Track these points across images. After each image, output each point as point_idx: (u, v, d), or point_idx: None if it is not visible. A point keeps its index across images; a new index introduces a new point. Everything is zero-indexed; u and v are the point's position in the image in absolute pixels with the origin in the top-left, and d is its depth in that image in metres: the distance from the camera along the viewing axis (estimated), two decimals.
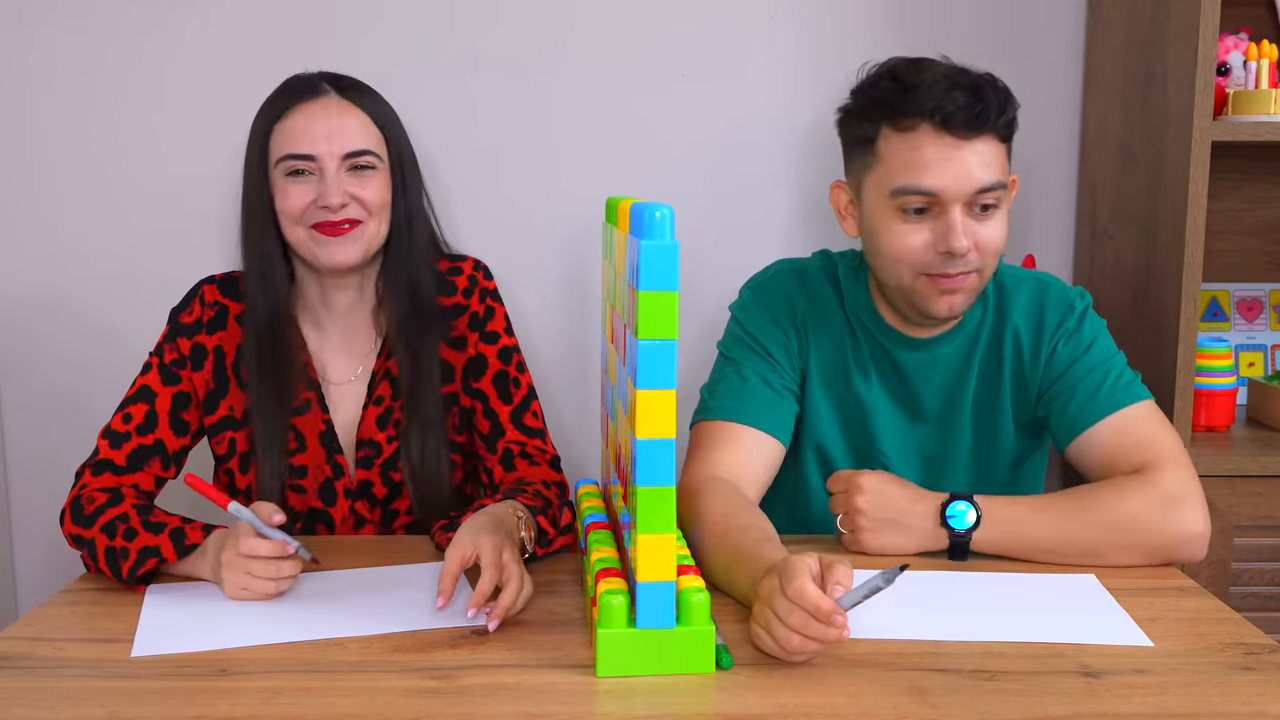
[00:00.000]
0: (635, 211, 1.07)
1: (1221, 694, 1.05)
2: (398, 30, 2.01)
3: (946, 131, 1.39)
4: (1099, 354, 1.51)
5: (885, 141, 1.43)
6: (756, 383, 1.52)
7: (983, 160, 1.40)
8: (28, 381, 2.10)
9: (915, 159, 1.40)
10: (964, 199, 1.40)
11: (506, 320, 1.60)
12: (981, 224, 1.42)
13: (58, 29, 2.00)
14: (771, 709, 1.02)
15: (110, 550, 1.32)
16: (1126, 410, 1.46)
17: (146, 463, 1.48)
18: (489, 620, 1.17)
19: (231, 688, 1.06)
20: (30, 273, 2.06)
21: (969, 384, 1.55)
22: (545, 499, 1.43)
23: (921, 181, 1.40)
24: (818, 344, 1.56)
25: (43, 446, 2.10)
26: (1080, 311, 1.53)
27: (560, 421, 1.99)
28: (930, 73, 1.41)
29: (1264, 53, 1.84)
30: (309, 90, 1.48)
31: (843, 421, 1.57)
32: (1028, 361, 1.53)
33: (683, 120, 2.06)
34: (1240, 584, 1.80)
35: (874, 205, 1.46)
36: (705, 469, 1.45)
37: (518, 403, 1.57)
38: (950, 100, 1.38)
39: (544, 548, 1.38)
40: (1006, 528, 1.38)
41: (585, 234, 2.07)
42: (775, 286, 1.59)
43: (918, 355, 1.54)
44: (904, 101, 1.40)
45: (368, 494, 1.56)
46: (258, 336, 1.50)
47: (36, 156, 2.04)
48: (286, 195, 1.46)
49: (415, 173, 1.55)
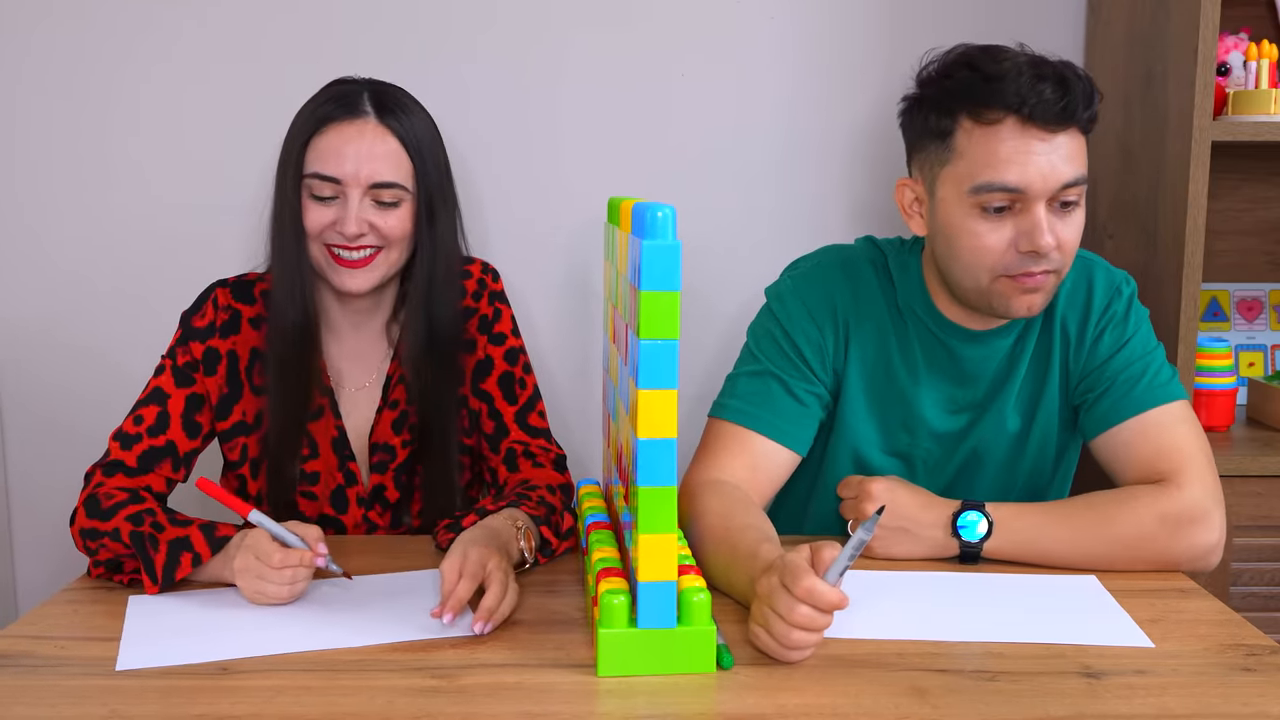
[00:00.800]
0: (637, 211, 1.07)
1: (1222, 695, 1.05)
2: (397, 30, 2.01)
3: (1033, 125, 1.32)
4: (1140, 345, 1.46)
5: (965, 135, 1.35)
6: (778, 389, 1.46)
7: (1067, 155, 1.34)
8: (28, 380, 2.09)
9: (999, 154, 1.33)
10: (1049, 196, 1.34)
11: (513, 322, 1.60)
12: (1064, 221, 1.36)
13: (53, 40, 2.00)
14: (772, 709, 1.02)
15: (139, 536, 1.30)
16: (1159, 410, 1.42)
17: (157, 464, 1.47)
18: (474, 624, 1.17)
19: (232, 687, 1.06)
20: (26, 281, 2.07)
21: (1019, 374, 1.50)
22: (549, 505, 1.42)
23: (1006, 178, 1.33)
24: (859, 341, 1.50)
25: (43, 445, 2.10)
26: (1127, 297, 1.49)
27: (562, 421, 1.99)
28: (1012, 62, 1.34)
29: (1264, 53, 1.84)
30: (349, 108, 1.45)
31: (881, 420, 1.52)
32: (1074, 347, 1.49)
33: (683, 120, 2.06)
34: (1240, 584, 1.80)
35: (949, 202, 1.38)
36: (709, 473, 1.43)
37: (523, 403, 1.57)
38: (1036, 93, 1.31)
39: (547, 556, 1.38)
40: (1018, 538, 1.36)
41: (587, 234, 2.07)
42: (819, 278, 1.52)
43: (976, 349, 1.49)
44: (986, 92, 1.33)
45: (380, 499, 1.56)
46: (282, 343, 1.49)
47: (29, 183, 2.04)
48: (308, 213, 1.45)
49: (446, 205, 1.50)
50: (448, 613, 1.17)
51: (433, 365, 1.52)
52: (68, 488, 1.51)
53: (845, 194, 2.08)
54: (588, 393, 2.13)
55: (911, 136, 1.45)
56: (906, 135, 1.46)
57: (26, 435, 2.11)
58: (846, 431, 1.52)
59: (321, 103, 1.47)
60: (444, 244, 1.51)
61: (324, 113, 1.45)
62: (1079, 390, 1.49)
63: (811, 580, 1.06)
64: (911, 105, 1.44)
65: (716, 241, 2.06)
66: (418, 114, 1.49)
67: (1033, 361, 1.50)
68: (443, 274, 1.51)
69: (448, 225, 1.51)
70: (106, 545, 1.33)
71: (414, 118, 1.48)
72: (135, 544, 1.30)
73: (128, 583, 1.32)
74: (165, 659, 1.12)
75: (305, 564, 1.24)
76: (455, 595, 1.18)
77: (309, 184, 1.44)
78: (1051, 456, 1.54)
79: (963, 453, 1.53)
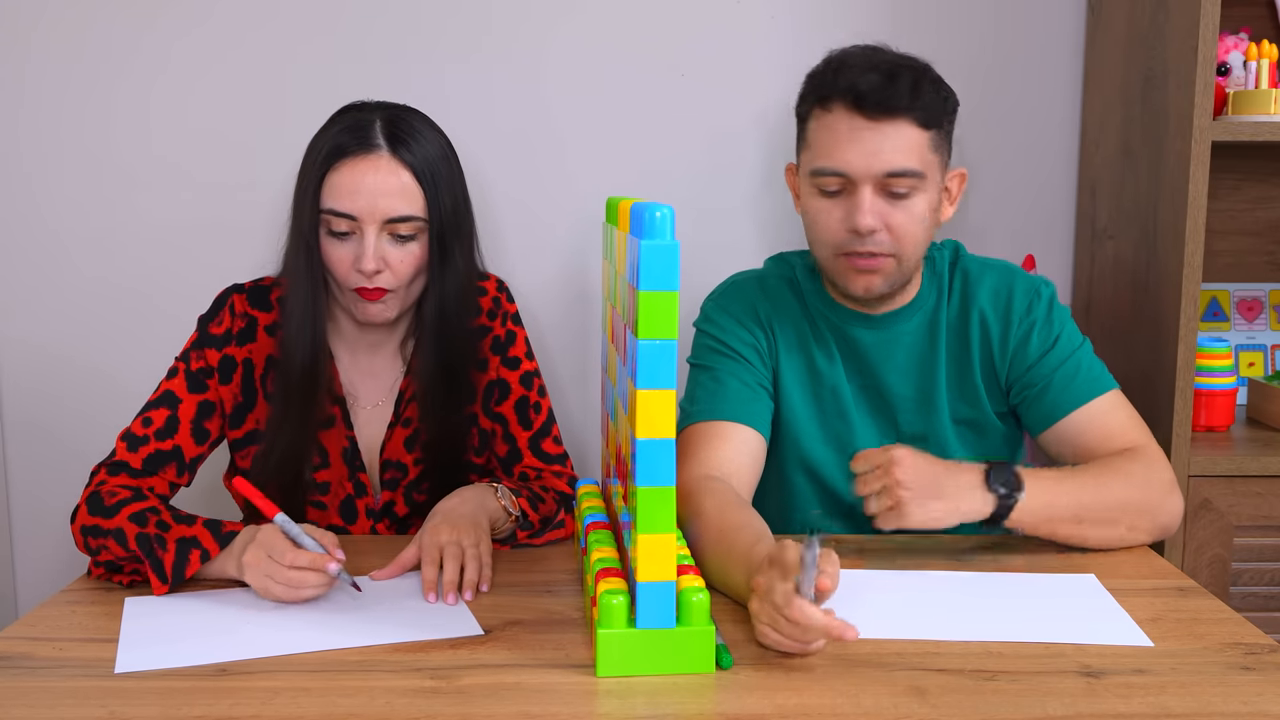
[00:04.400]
0: (636, 211, 1.07)
1: (1221, 694, 1.05)
2: (398, 30, 2.02)
3: (858, 111, 1.41)
4: (1068, 343, 1.54)
5: (814, 122, 1.47)
6: (732, 382, 1.53)
7: (894, 144, 1.42)
8: (28, 378, 2.10)
9: (830, 139, 1.44)
10: (872, 180, 1.42)
11: (527, 344, 1.61)
12: (895, 207, 1.44)
13: (49, 52, 2.00)
14: (771, 709, 1.02)
15: (144, 537, 1.30)
16: (1100, 400, 1.51)
17: (162, 468, 1.46)
18: (445, 596, 1.26)
19: (232, 687, 1.06)
20: (26, 281, 2.07)
21: (939, 367, 1.56)
22: (534, 493, 1.47)
23: (832, 161, 1.43)
24: (785, 340, 1.58)
25: (43, 445, 2.10)
26: (1047, 299, 1.56)
27: (561, 421, 1.98)
28: (857, 56, 1.45)
29: (1264, 53, 1.84)
30: (363, 141, 1.42)
31: (820, 414, 1.58)
32: (996, 348, 1.56)
33: (683, 120, 2.06)
34: (1240, 584, 1.80)
35: (804, 184, 1.50)
36: (697, 468, 1.45)
37: (537, 428, 1.58)
38: (864, 80, 1.41)
39: (527, 531, 1.43)
40: (1046, 496, 1.38)
41: (586, 234, 2.08)
42: (736, 293, 1.62)
43: (874, 333, 1.56)
44: (828, 82, 1.45)
45: (390, 513, 1.57)
46: (294, 363, 1.48)
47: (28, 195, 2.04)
48: (329, 254, 1.45)
49: (460, 232, 1.49)
50: (429, 595, 1.27)
51: (444, 389, 1.52)
52: (68, 488, 1.51)
53: None
54: (587, 393, 2.13)
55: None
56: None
57: (26, 435, 2.11)
58: (791, 428, 1.58)
59: (336, 134, 1.44)
60: (456, 273, 1.49)
61: (337, 145, 1.43)
62: (1015, 391, 1.56)
63: (800, 605, 1.06)
64: (797, 100, 1.54)
65: (716, 241, 2.07)
66: (431, 140, 1.46)
67: (951, 357, 1.57)
68: (454, 303, 1.50)
69: (462, 252, 1.50)
70: (108, 546, 1.32)
71: (427, 146, 1.45)
72: (141, 545, 1.30)
73: (127, 584, 1.32)
74: (163, 661, 1.12)
75: (317, 567, 1.24)
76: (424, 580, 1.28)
77: (326, 220, 1.43)
78: (999, 443, 1.60)
79: (899, 438, 1.57)
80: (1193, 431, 1.87)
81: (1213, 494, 1.78)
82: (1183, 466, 1.76)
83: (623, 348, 1.16)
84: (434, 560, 1.30)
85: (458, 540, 1.32)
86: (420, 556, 1.32)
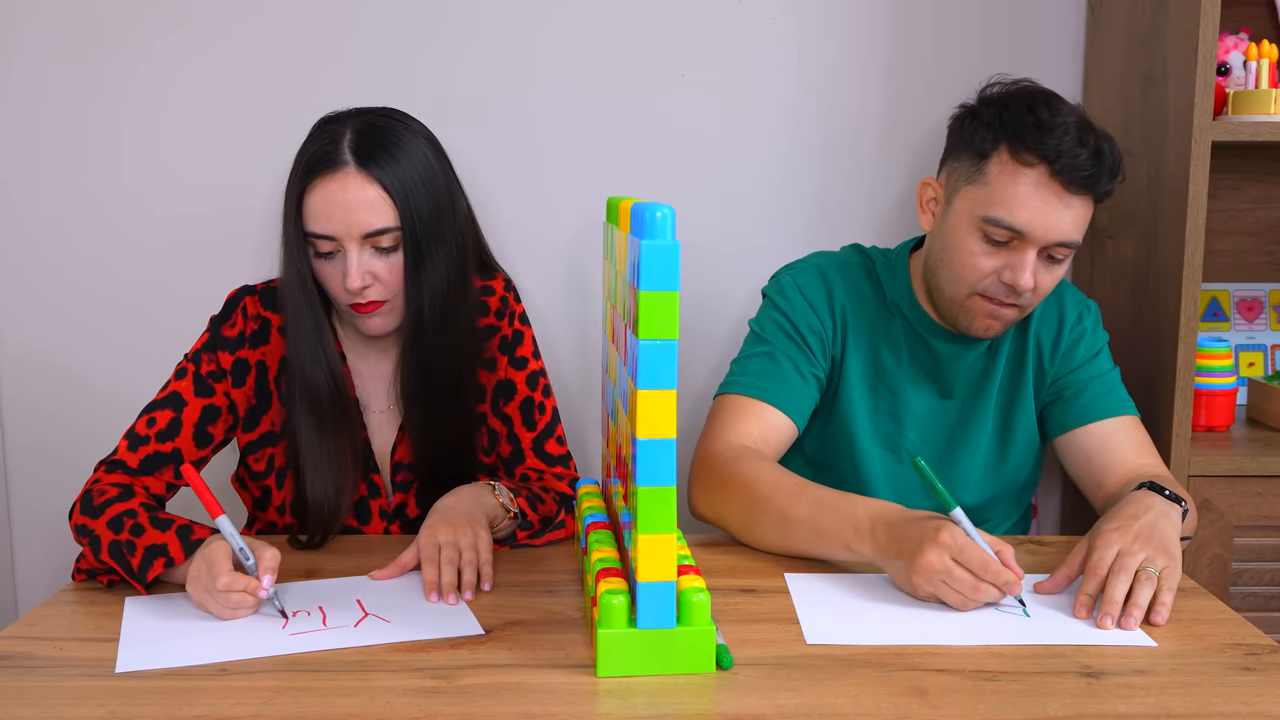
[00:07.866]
0: (636, 211, 1.07)
1: (1222, 694, 1.05)
2: (398, 30, 2.01)
3: (1058, 181, 1.42)
4: (1106, 361, 1.63)
5: (998, 164, 1.45)
6: (787, 365, 1.56)
7: (1076, 217, 1.45)
8: (28, 377, 2.10)
9: (1017, 196, 1.43)
10: (1044, 245, 1.45)
11: (534, 344, 1.61)
12: (1047, 269, 1.48)
13: (49, 53, 2.00)
14: (771, 709, 1.02)
15: (116, 544, 1.30)
16: (1125, 418, 1.58)
17: (159, 469, 1.46)
18: (446, 596, 1.26)
19: (232, 687, 1.06)
20: (26, 282, 2.07)
21: (995, 376, 1.63)
22: (532, 492, 1.47)
23: (1015, 219, 1.43)
24: (854, 333, 1.61)
25: (43, 444, 2.10)
26: (1095, 314, 1.66)
27: (563, 420, 1.99)
28: (1065, 118, 1.43)
29: (1264, 53, 1.84)
30: (329, 160, 1.40)
31: (873, 405, 1.62)
32: (1047, 355, 1.63)
33: (684, 121, 2.06)
34: (1240, 584, 1.80)
35: (961, 216, 1.49)
36: (733, 438, 1.49)
37: (541, 429, 1.59)
38: (1073, 154, 1.40)
39: (526, 530, 1.44)
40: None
41: (586, 234, 2.07)
42: (816, 276, 1.63)
43: (953, 347, 1.61)
44: (1033, 136, 1.42)
45: (402, 514, 1.57)
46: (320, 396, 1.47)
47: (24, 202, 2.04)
48: (320, 273, 1.45)
49: (440, 242, 1.45)
50: (431, 595, 1.27)
51: (430, 392, 1.50)
52: (67, 488, 1.51)
53: (845, 194, 2.08)
54: (588, 392, 2.13)
55: (953, 143, 1.54)
56: (949, 140, 1.55)
57: (26, 435, 2.11)
58: (842, 416, 1.62)
59: (309, 150, 1.43)
60: (435, 285, 1.46)
61: (309, 164, 1.41)
62: (1051, 389, 1.63)
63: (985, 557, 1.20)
64: (965, 116, 1.52)
65: (716, 241, 2.07)
66: (404, 149, 1.43)
67: (1008, 367, 1.64)
68: (432, 315, 1.46)
69: (444, 261, 1.46)
70: (86, 553, 1.33)
71: (398, 156, 1.42)
72: (113, 554, 1.29)
73: (106, 584, 1.32)
74: (163, 661, 1.12)
75: (250, 591, 1.21)
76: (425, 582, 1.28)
77: (311, 242, 1.43)
78: (1031, 456, 1.67)
79: (945, 446, 1.63)
80: (1193, 431, 1.87)
81: (1213, 494, 1.78)
82: (1183, 466, 1.76)
83: (623, 348, 1.16)
84: (433, 560, 1.30)
85: (455, 540, 1.31)
86: (419, 557, 1.32)
